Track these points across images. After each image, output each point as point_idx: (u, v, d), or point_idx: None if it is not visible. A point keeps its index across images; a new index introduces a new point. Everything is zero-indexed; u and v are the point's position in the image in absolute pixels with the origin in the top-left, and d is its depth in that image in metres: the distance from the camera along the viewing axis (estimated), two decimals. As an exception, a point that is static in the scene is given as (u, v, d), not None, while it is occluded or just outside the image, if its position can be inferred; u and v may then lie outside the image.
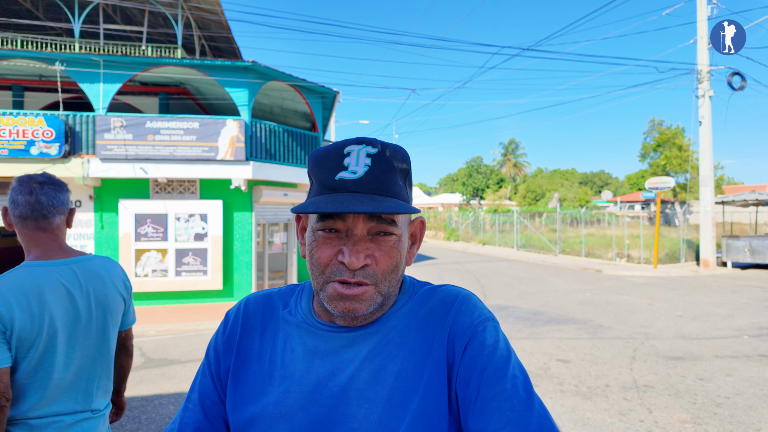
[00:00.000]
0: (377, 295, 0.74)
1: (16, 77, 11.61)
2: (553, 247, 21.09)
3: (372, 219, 0.73)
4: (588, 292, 10.98)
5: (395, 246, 0.75)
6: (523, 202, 46.09)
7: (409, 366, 0.74)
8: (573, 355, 6.00)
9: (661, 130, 30.59)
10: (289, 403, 0.75)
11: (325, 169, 0.74)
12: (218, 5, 11.82)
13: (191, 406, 0.85)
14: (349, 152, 0.73)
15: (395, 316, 0.79)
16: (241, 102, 10.43)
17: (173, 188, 10.38)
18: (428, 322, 0.77)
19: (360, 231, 0.73)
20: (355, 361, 0.75)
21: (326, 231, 0.74)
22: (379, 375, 0.73)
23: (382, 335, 0.77)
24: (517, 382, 0.70)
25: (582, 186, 55.18)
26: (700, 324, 7.61)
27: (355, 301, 0.73)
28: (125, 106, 12.83)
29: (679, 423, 3.97)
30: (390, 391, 0.72)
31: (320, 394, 0.74)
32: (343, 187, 0.72)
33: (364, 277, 0.73)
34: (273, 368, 0.79)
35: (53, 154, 9.24)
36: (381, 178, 0.72)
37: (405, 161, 0.77)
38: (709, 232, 15.31)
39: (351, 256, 0.71)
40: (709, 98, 15.23)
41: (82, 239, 9.97)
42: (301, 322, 0.81)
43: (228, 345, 0.84)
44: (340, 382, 0.74)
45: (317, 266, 0.74)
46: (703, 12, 15.05)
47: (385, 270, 0.74)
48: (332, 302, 0.74)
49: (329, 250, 0.74)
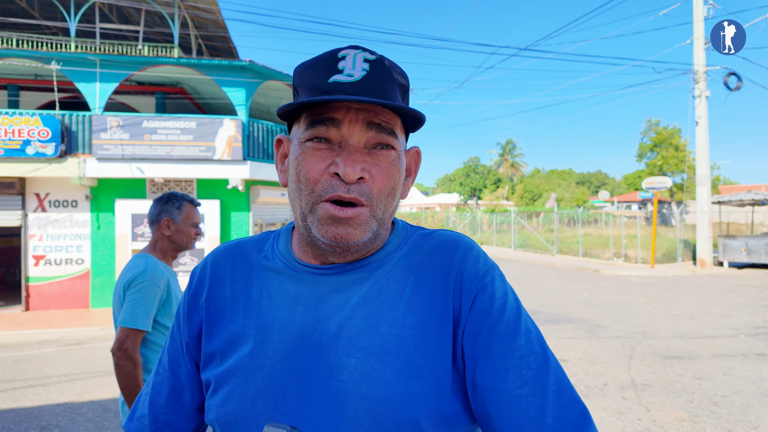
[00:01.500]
0: (372, 219, 0.66)
1: (11, 76, 11.55)
2: (550, 247, 21.13)
3: (371, 128, 0.64)
4: (585, 292, 10.99)
5: (395, 164, 0.67)
6: (520, 202, 46.18)
7: (408, 314, 0.65)
8: (571, 354, 6.00)
9: (658, 130, 30.67)
10: (268, 355, 0.66)
11: (317, 73, 0.65)
12: (215, 4, 11.79)
13: (161, 371, 0.79)
14: (344, 56, 0.65)
15: (389, 260, 0.70)
16: (239, 101, 10.40)
17: (170, 188, 10.34)
18: (428, 269, 0.69)
19: (356, 140, 0.64)
20: (344, 307, 0.66)
21: (316, 141, 0.65)
22: (372, 323, 0.65)
23: (375, 280, 0.68)
24: (531, 337, 0.65)
25: (579, 186, 55.32)
26: (697, 323, 7.63)
27: (349, 226, 0.64)
28: (122, 105, 12.78)
29: (676, 421, 3.97)
30: (385, 340, 0.63)
31: (304, 344, 0.65)
32: (337, 89, 0.63)
33: (360, 194, 0.64)
34: (248, 318, 0.69)
35: (49, 153, 9.20)
36: (381, 85, 0.64)
37: (404, 77, 0.69)
38: (706, 231, 15.36)
39: (346, 165, 0.62)
40: (706, 98, 15.29)
41: (78, 239, 9.92)
42: (280, 265, 0.72)
43: (194, 302, 0.75)
44: (328, 331, 0.65)
45: (306, 183, 0.65)
46: (700, 13, 15.10)
47: (382, 189, 0.66)
48: (322, 227, 0.64)
49: (320, 162, 0.64)
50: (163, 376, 0.78)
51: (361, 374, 0.62)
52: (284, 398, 0.63)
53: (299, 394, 0.63)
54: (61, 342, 7.57)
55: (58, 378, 5.54)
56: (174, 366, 0.77)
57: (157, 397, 0.77)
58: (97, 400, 4.75)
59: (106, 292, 10.01)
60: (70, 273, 9.93)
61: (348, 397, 0.61)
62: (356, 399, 0.61)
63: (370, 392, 0.61)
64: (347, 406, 0.61)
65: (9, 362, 6.33)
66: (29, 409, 4.54)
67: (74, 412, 4.47)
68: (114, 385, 5.19)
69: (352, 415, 0.61)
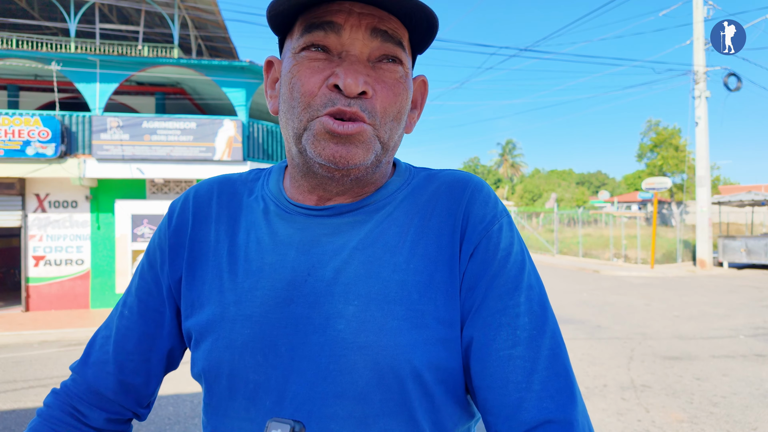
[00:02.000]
0: (375, 139, 0.58)
1: (11, 77, 11.56)
2: (550, 247, 21.14)
3: (376, 36, 0.56)
4: (585, 293, 11.00)
5: (402, 81, 0.59)
6: (520, 203, 46.22)
7: (412, 259, 0.59)
8: (571, 355, 6.01)
9: (658, 130, 30.71)
10: (257, 303, 0.59)
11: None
12: (215, 5, 11.80)
13: (127, 313, 0.70)
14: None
15: (390, 201, 0.63)
16: (239, 102, 10.41)
17: (170, 189, 10.35)
18: (434, 210, 0.62)
19: (359, 50, 0.56)
20: (341, 252, 0.60)
21: (313, 50, 0.57)
22: (372, 267, 0.58)
23: (375, 223, 0.62)
24: (532, 294, 0.59)
25: (579, 186, 55.37)
26: (697, 324, 7.63)
27: (350, 144, 0.56)
28: (122, 106, 12.79)
29: (676, 422, 3.98)
30: (386, 286, 0.57)
31: (297, 291, 0.59)
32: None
33: (362, 108, 0.56)
34: (234, 263, 0.63)
35: (49, 154, 9.20)
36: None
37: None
38: (706, 232, 15.37)
39: (347, 76, 0.55)
40: (706, 99, 15.30)
41: (78, 240, 9.93)
42: (270, 206, 0.65)
43: (177, 240, 0.68)
44: (323, 276, 0.59)
45: (300, 97, 0.57)
46: (700, 13, 15.11)
47: (387, 108, 0.58)
48: (319, 145, 0.56)
49: (317, 73, 0.56)
50: (131, 320, 0.70)
51: (360, 323, 0.56)
52: (275, 349, 0.58)
53: (292, 345, 0.57)
54: (61, 343, 7.57)
55: (58, 379, 5.55)
56: (145, 309, 0.69)
57: (125, 343, 0.69)
58: (98, 401, 4.76)
59: (106, 292, 10.01)
60: (70, 273, 9.93)
61: (345, 347, 0.56)
62: (354, 349, 0.55)
63: (370, 342, 0.55)
64: (345, 357, 0.55)
65: (9, 363, 6.33)
66: (30, 410, 4.54)
67: (74, 413, 4.47)
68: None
69: (350, 366, 0.55)
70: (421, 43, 0.63)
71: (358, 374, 0.55)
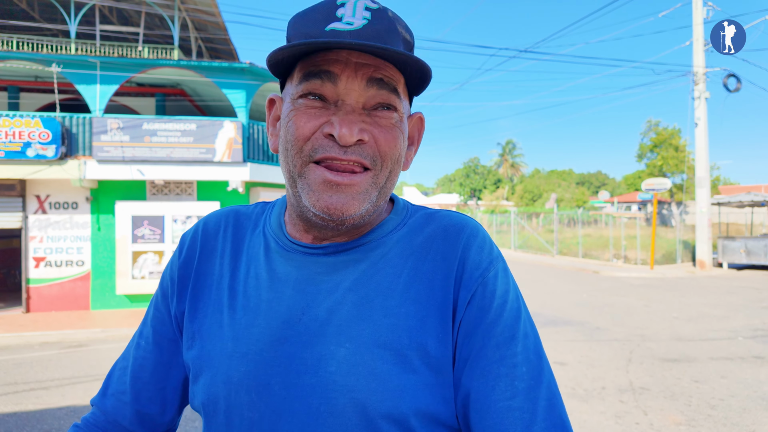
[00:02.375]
0: (373, 187, 0.59)
1: (12, 78, 11.58)
2: (550, 247, 21.15)
3: (371, 85, 0.57)
4: (585, 294, 11.02)
5: (397, 126, 0.60)
6: (520, 203, 46.20)
7: (404, 302, 0.60)
8: (570, 357, 6.02)
9: (658, 130, 30.69)
10: (253, 340, 0.61)
11: (312, 21, 0.58)
12: (215, 6, 11.81)
13: (143, 344, 0.72)
14: (344, 2, 0.58)
15: (386, 241, 0.64)
16: (239, 103, 10.43)
17: (170, 190, 10.37)
18: (428, 254, 0.62)
19: (354, 100, 0.57)
20: (335, 291, 0.61)
21: (310, 98, 0.58)
22: (364, 310, 0.59)
23: (369, 263, 0.62)
24: (528, 343, 0.60)
25: (579, 186, 55.33)
26: (696, 325, 7.65)
27: (346, 194, 0.57)
28: (122, 107, 12.80)
29: (674, 425, 3.99)
30: (377, 330, 0.58)
31: (292, 330, 0.60)
32: (335, 38, 0.56)
33: (360, 155, 0.57)
34: (233, 298, 0.65)
35: (50, 155, 9.22)
36: (383, 36, 0.57)
37: (409, 33, 0.62)
38: (705, 233, 15.38)
39: (342, 126, 0.55)
40: (705, 100, 15.31)
41: (79, 241, 9.95)
42: (271, 243, 0.67)
43: (185, 272, 0.70)
44: (317, 316, 0.60)
45: (294, 141, 0.58)
46: (699, 15, 15.12)
47: (385, 151, 0.59)
48: (314, 195, 0.58)
49: (312, 120, 0.57)
50: (146, 350, 0.72)
51: (350, 366, 0.57)
52: (269, 388, 0.59)
53: (285, 384, 0.58)
54: (61, 344, 7.59)
55: (59, 381, 5.56)
56: (159, 339, 0.72)
57: (140, 372, 0.71)
58: (98, 404, 4.78)
59: (106, 293, 10.03)
60: (70, 275, 9.95)
61: (336, 390, 0.56)
62: (344, 392, 0.56)
63: (360, 386, 0.56)
64: (335, 400, 0.56)
65: (10, 365, 6.35)
66: (32, 413, 4.56)
67: (76, 416, 4.49)
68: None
69: (339, 409, 0.56)
70: (416, 89, 0.64)
71: (347, 417, 0.56)
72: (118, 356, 0.75)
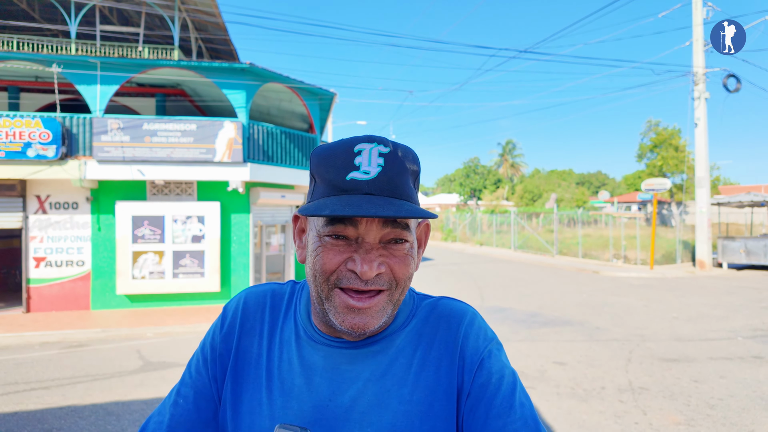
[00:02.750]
0: (389, 304, 0.70)
1: (12, 78, 11.59)
2: (550, 248, 21.15)
3: (386, 225, 0.68)
4: (585, 294, 11.03)
5: (409, 253, 0.71)
6: (520, 203, 46.18)
7: (415, 390, 0.71)
8: (569, 357, 6.03)
9: (658, 131, 30.69)
10: (287, 420, 0.71)
11: (334, 168, 0.68)
12: (215, 7, 11.82)
13: (182, 402, 0.78)
14: (360, 151, 0.67)
15: (399, 335, 0.75)
16: (239, 104, 10.44)
17: (170, 190, 10.38)
18: (433, 342, 0.74)
19: (373, 238, 0.68)
20: (357, 382, 0.72)
21: (334, 237, 0.68)
22: (383, 399, 0.70)
23: (385, 355, 0.73)
24: (525, 411, 0.70)
25: (579, 186, 55.31)
26: (695, 325, 7.66)
27: (366, 315, 0.68)
28: (122, 107, 12.82)
29: (673, 425, 4.00)
30: (394, 416, 0.69)
31: (321, 414, 0.70)
32: (355, 188, 0.66)
33: (379, 284, 0.68)
34: (271, 380, 0.75)
35: (50, 156, 9.23)
36: (395, 180, 0.67)
37: (416, 162, 0.72)
38: (705, 233, 15.39)
39: (363, 264, 0.66)
40: (705, 100, 15.32)
41: (79, 241, 9.96)
42: (300, 332, 0.77)
43: (226, 345, 0.79)
44: (342, 403, 0.70)
45: (321, 273, 0.68)
46: (699, 15, 15.13)
47: (399, 277, 0.70)
48: (339, 316, 0.68)
49: (338, 256, 0.68)
50: (185, 408, 0.78)
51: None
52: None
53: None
54: (62, 344, 7.60)
55: (60, 381, 5.57)
56: (199, 399, 0.78)
57: (177, 429, 0.77)
58: (100, 404, 4.79)
59: (106, 293, 10.04)
60: (70, 275, 9.96)
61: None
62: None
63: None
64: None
65: (11, 365, 6.36)
66: (32, 413, 4.57)
67: (77, 415, 4.50)
68: (116, 388, 5.23)
69: None
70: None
71: None
72: (118, 356, 0.79)
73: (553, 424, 4.09)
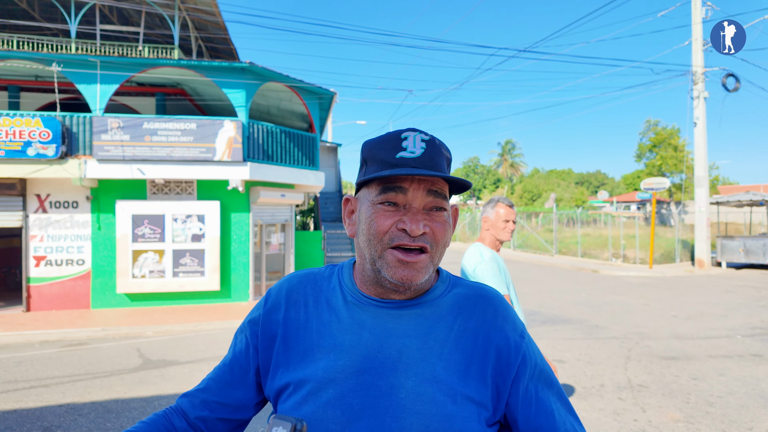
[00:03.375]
0: (431, 264, 0.81)
1: (12, 78, 11.59)
2: (549, 247, 21.16)
3: (429, 194, 0.80)
4: (584, 293, 11.04)
5: (447, 221, 0.83)
6: (519, 203, 46.19)
7: (455, 351, 0.81)
8: (569, 355, 6.05)
9: (657, 130, 30.70)
10: (338, 369, 0.79)
11: (385, 149, 0.81)
12: (215, 6, 11.82)
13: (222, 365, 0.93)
14: (406, 137, 0.81)
15: (439, 303, 0.85)
16: (239, 103, 10.44)
17: (170, 189, 10.38)
18: (472, 316, 0.84)
19: (418, 204, 0.80)
20: (403, 337, 0.81)
21: (386, 204, 0.80)
22: (426, 354, 0.79)
23: (426, 317, 0.83)
24: (563, 395, 0.87)
25: (578, 186, 55.31)
26: (695, 324, 7.67)
27: (413, 269, 0.78)
28: (122, 106, 12.82)
29: (672, 422, 4.01)
30: (435, 370, 0.78)
31: (369, 364, 0.79)
32: (404, 163, 0.79)
33: (425, 241, 0.79)
34: (321, 337, 0.83)
35: (50, 155, 9.23)
36: (435, 159, 0.81)
37: (448, 152, 0.86)
38: (704, 232, 15.40)
39: (412, 223, 0.78)
40: (704, 99, 15.33)
41: (79, 240, 9.96)
42: (348, 296, 0.86)
43: (269, 316, 0.89)
44: (390, 355, 0.79)
45: (376, 234, 0.80)
46: (698, 14, 15.14)
47: (439, 241, 0.81)
48: (391, 269, 0.79)
49: (389, 219, 0.79)
50: (223, 371, 0.92)
51: (416, 395, 0.76)
52: (351, 407, 0.77)
53: (363, 405, 0.77)
54: (62, 343, 7.61)
55: (59, 379, 5.58)
56: (234, 364, 0.91)
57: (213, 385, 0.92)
58: (99, 401, 4.79)
59: (106, 292, 10.05)
60: (70, 274, 9.96)
61: (405, 411, 0.76)
62: (412, 413, 0.75)
63: (424, 410, 0.76)
64: (403, 419, 0.75)
65: (11, 363, 6.37)
66: (31, 410, 4.58)
67: (76, 413, 4.51)
68: (115, 386, 5.24)
69: (407, 426, 0.75)
70: (458, 190, 0.87)
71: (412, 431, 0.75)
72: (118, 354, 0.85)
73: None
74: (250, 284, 10.69)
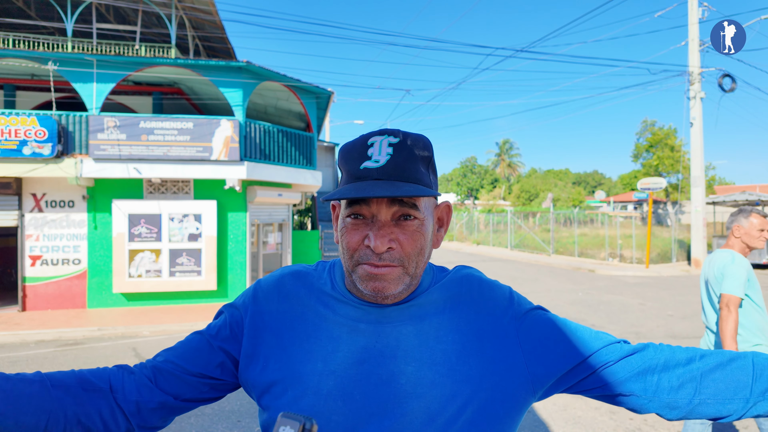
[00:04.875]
0: (404, 275, 0.79)
1: (8, 76, 11.54)
2: (546, 247, 21.20)
3: (394, 203, 0.77)
4: (581, 292, 11.07)
5: (418, 230, 0.79)
6: (517, 202, 46.28)
7: (449, 333, 0.81)
8: (565, 354, 6.06)
9: (654, 130, 30.81)
10: (338, 361, 0.80)
11: (351, 160, 0.79)
12: (212, 5, 11.80)
13: (184, 342, 0.89)
14: (372, 143, 0.78)
15: (429, 294, 0.85)
16: (236, 102, 10.42)
17: (167, 188, 10.36)
18: (460, 296, 0.85)
19: (384, 216, 0.77)
20: (398, 328, 0.82)
21: (353, 217, 0.79)
22: (423, 339, 0.81)
23: (418, 306, 0.84)
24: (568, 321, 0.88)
25: (575, 186, 55.43)
26: (690, 323, 7.70)
27: (384, 281, 0.77)
28: (119, 105, 12.78)
29: (668, 421, 4.03)
30: (433, 353, 0.80)
31: (368, 354, 0.80)
32: (366, 175, 0.76)
33: (390, 260, 0.77)
34: (318, 330, 0.83)
35: (46, 154, 9.20)
36: (402, 165, 0.76)
37: (427, 149, 0.80)
38: (700, 232, 15.46)
39: (376, 240, 0.76)
40: (700, 100, 15.39)
41: (75, 239, 9.93)
42: (339, 296, 0.86)
43: (261, 308, 0.87)
44: (388, 344, 0.80)
45: (347, 250, 0.80)
46: (695, 15, 15.20)
47: (410, 252, 0.78)
48: (363, 282, 0.78)
49: (357, 235, 0.78)
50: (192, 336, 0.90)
51: (417, 379, 0.78)
52: (352, 396, 0.77)
53: (365, 393, 0.77)
54: (57, 342, 7.58)
55: (55, 378, 5.55)
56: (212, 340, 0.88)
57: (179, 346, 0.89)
58: (95, 401, 4.77)
59: (102, 292, 10.01)
60: (66, 273, 9.93)
61: (406, 395, 0.77)
62: (414, 397, 0.77)
63: (425, 393, 0.77)
64: (406, 404, 0.76)
65: (6, 363, 6.34)
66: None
67: (72, 412, 4.49)
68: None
69: (409, 410, 0.76)
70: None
71: (415, 416, 0.76)
72: (114, 354, 0.82)
73: (549, 421, 4.11)
74: (247, 284, 10.66)
